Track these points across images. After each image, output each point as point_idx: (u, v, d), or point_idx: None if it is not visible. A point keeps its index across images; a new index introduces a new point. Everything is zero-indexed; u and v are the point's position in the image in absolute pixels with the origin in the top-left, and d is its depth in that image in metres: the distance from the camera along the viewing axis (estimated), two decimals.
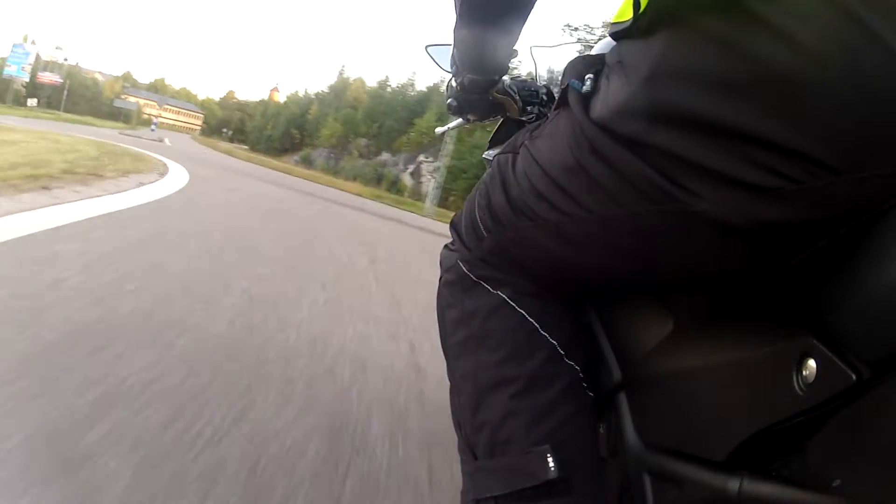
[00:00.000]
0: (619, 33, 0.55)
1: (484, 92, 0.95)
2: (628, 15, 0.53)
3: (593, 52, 0.78)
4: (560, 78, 0.69)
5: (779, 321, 0.51)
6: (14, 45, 45.25)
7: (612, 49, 0.58)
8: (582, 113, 0.57)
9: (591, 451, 0.67)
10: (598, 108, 0.56)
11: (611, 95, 0.55)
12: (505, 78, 0.96)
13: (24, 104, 41.39)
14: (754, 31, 0.43)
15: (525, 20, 0.74)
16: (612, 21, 0.57)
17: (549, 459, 0.61)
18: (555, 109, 0.66)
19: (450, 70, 0.97)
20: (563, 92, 0.63)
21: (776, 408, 0.46)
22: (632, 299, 0.72)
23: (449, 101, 1.01)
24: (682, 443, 0.58)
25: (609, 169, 0.54)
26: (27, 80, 46.28)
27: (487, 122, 1.11)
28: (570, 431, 0.65)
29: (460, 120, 1.11)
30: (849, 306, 0.43)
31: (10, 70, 44.86)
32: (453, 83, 0.97)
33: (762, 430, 0.47)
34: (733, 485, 0.49)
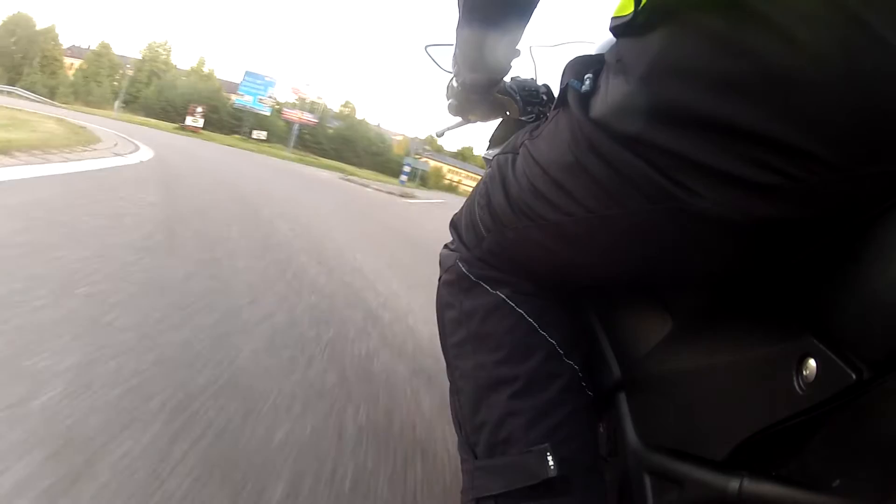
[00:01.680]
0: (619, 28, 0.55)
1: (485, 92, 0.95)
2: (628, 9, 0.53)
3: (593, 51, 0.78)
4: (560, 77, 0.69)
5: (779, 321, 0.51)
6: (247, 73, 37.94)
7: (612, 48, 0.58)
8: (581, 112, 0.57)
9: (590, 450, 0.67)
10: (598, 107, 0.56)
11: (610, 94, 0.55)
12: (505, 78, 0.96)
13: (280, 141, 35.72)
14: (754, 28, 0.43)
15: (528, 20, 0.74)
16: (612, 15, 0.57)
17: (549, 458, 0.61)
18: (554, 109, 0.66)
19: (450, 70, 0.97)
20: (563, 91, 0.63)
21: (776, 408, 0.46)
22: (631, 299, 0.72)
23: (449, 101, 1.01)
24: (682, 442, 0.58)
25: (609, 168, 0.54)
26: (266, 113, 38.56)
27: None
28: (570, 430, 0.65)
29: (460, 120, 1.11)
30: (849, 306, 0.43)
31: (243, 100, 37.72)
32: (454, 83, 0.97)
33: (762, 429, 0.47)
34: (733, 485, 0.49)
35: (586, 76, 0.61)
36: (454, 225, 0.83)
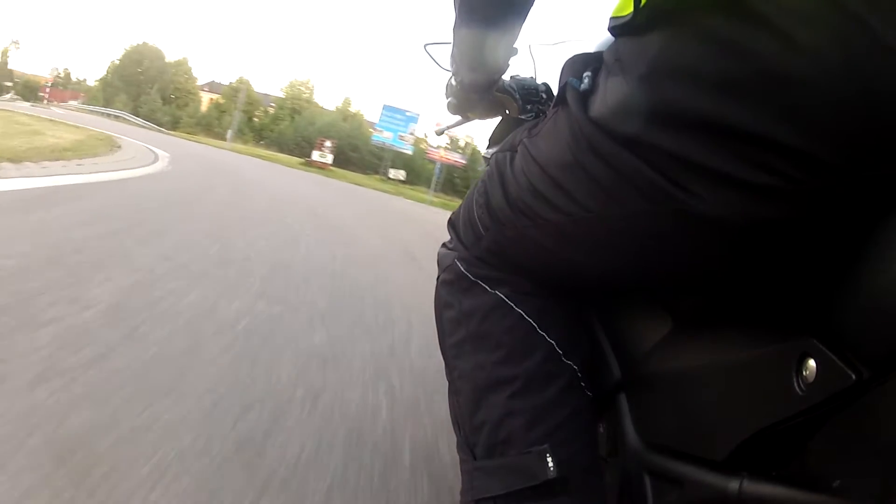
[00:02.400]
0: (618, 28, 0.54)
1: (484, 91, 0.94)
2: (628, 9, 0.52)
3: (591, 49, 0.77)
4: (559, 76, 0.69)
5: (779, 321, 0.51)
6: (385, 107, 32.44)
7: (610, 47, 0.58)
8: (580, 111, 0.57)
9: (589, 451, 0.66)
10: (597, 106, 0.56)
11: (609, 94, 0.54)
12: (504, 76, 0.95)
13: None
14: (754, 29, 0.42)
15: (524, 19, 0.73)
16: (611, 15, 0.56)
17: (548, 459, 0.61)
18: (553, 107, 0.66)
19: (449, 69, 0.97)
20: (562, 90, 0.63)
21: (776, 408, 0.46)
22: (631, 299, 0.72)
23: (449, 100, 1.01)
24: (682, 442, 0.58)
25: (608, 168, 0.53)
26: (408, 151, 33.02)
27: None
28: (569, 431, 0.65)
29: (459, 118, 1.11)
30: (849, 306, 0.43)
31: (382, 136, 32.40)
32: (453, 82, 0.97)
33: (762, 429, 0.47)
34: (733, 485, 0.49)
35: (585, 74, 0.60)
36: (452, 224, 0.82)
